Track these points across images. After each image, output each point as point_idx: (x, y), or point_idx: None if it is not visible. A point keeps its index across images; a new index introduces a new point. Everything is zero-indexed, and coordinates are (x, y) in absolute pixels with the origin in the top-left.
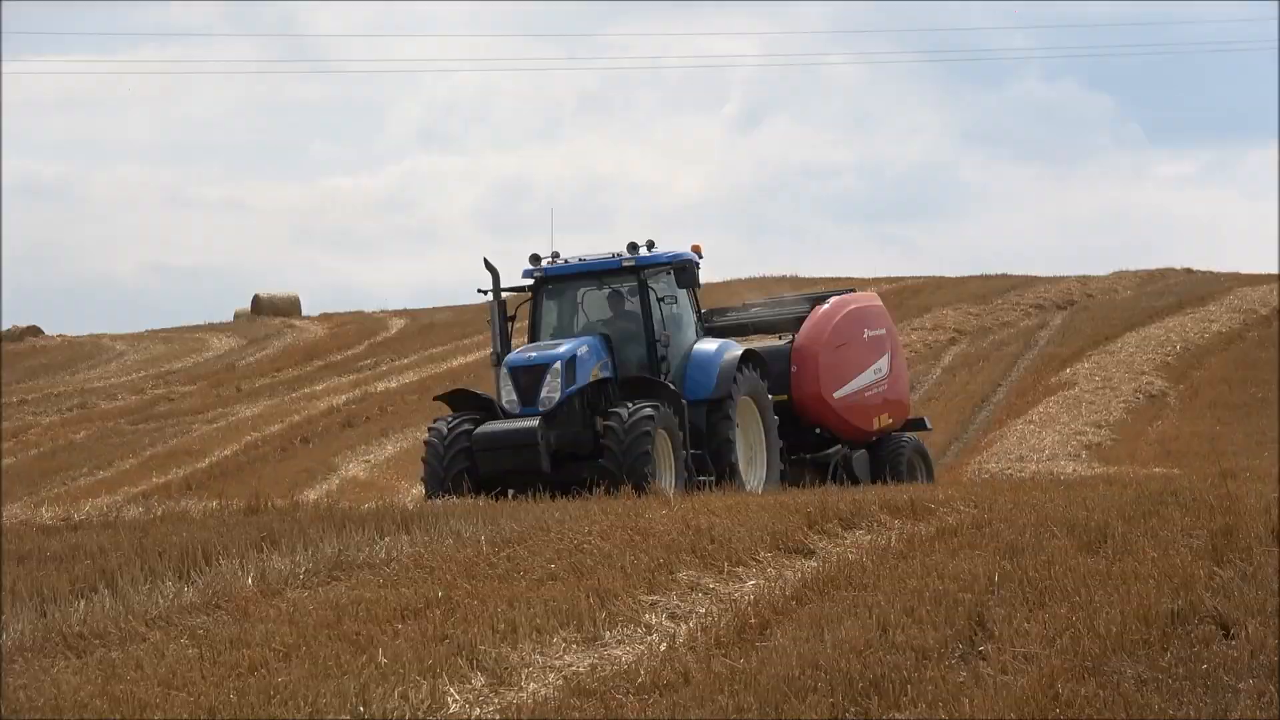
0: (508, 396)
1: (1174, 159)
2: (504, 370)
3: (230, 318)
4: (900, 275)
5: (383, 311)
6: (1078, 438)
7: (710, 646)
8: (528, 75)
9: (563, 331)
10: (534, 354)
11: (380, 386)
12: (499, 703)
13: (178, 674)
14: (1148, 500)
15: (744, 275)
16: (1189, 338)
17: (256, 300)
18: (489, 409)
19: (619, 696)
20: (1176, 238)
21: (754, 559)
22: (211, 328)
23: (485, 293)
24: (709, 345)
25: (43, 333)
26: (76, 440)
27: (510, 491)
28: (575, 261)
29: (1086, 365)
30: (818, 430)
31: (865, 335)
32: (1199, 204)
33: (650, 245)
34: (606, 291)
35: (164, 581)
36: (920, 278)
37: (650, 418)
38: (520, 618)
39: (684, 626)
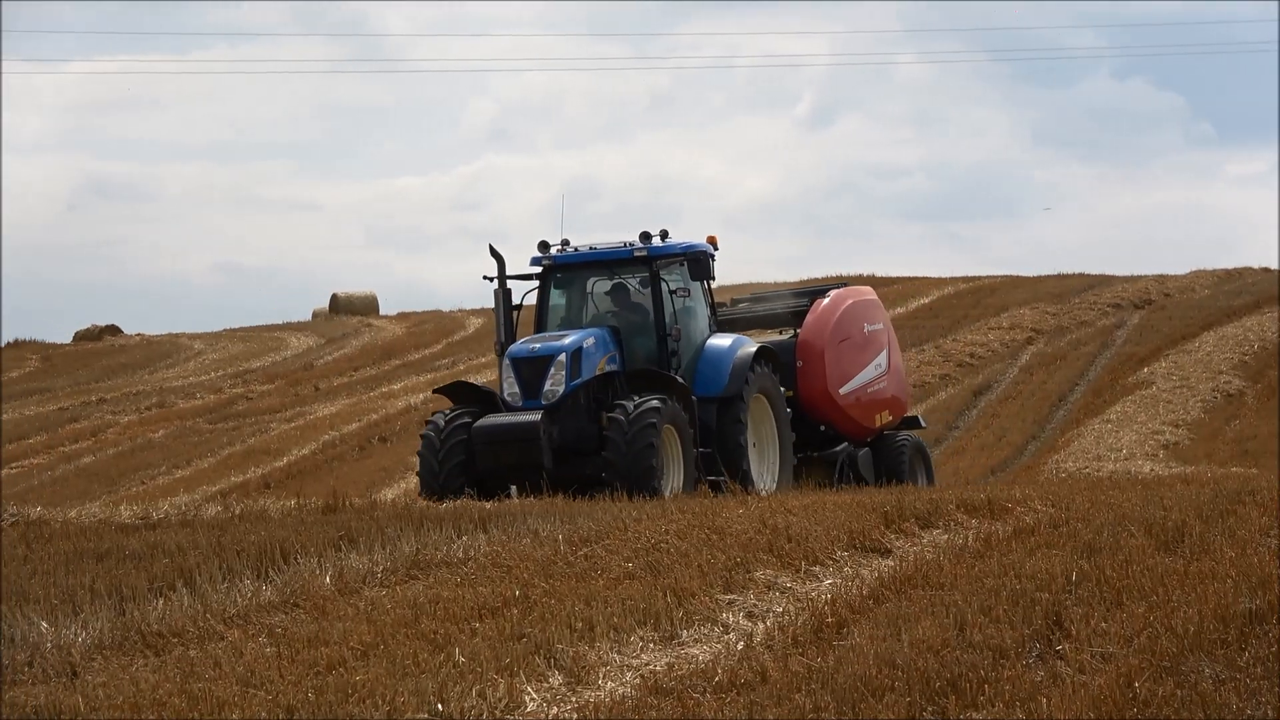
0: (510, 389)
1: (1246, 158)
2: (506, 361)
3: (307, 317)
4: (976, 275)
5: (460, 310)
6: (1155, 437)
7: (787, 645)
8: (596, 75)
9: (571, 322)
10: (538, 345)
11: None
12: (576, 701)
13: (256, 672)
14: (1225, 499)
15: (814, 275)
16: (1266, 337)
17: (334, 299)
18: (490, 402)
19: (696, 695)
20: (1249, 237)
21: (831, 558)
22: (289, 327)
23: (491, 280)
24: (722, 340)
25: (121, 332)
26: (155, 439)
27: (513, 489)
28: (585, 250)
29: (1164, 364)
30: (822, 427)
31: (865, 330)
32: (1271, 203)
33: (664, 235)
34: (615, 282)
35: (242, 580)
36: (996, 277)
37: (656, 411)
38: (597, 616)
39: (761, 625)
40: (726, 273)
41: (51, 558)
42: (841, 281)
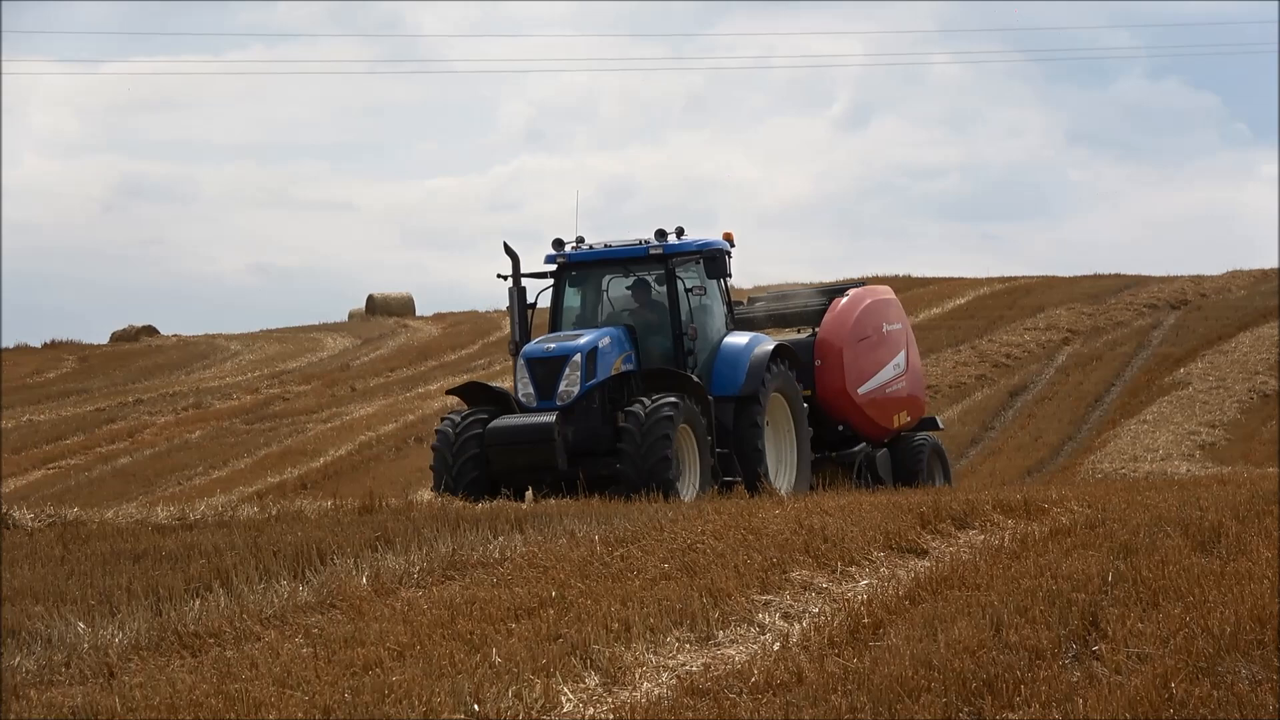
0: (524, 390)
1: None
2: (521, 362)
3: (343, 318)
4: (1012, 275)
5: (496, 311)
6: (1191, 437)
7: (823, 646)
8: (632, 75)
9: (586, 321)
10: (553, 345)
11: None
12: (612, 702)
13: (292, 673)
14: (1262, 500)
15: (850, 275)
16: None
17: (370, 300)
18: (504, 403)
19: (732, 696)
20: None
21: (867, 558)
22: (325, 327)
23: (505, 278)
24: (739, 339)
25: (158, 333)
26: (192, 440)
27: (529, 491)
28: (601, 248)
29: (1200, 365)
30: (840, 427)
31: (884, 329)
32: None
33: (680, 232)
34: (631, 280)
35: (279, 581)
36: (1032, 277)
37: (672, 407)
38: (634, 617)
39: (797, 626)
40: (760, 273)
41: (88, 558)
42: (863, 281)
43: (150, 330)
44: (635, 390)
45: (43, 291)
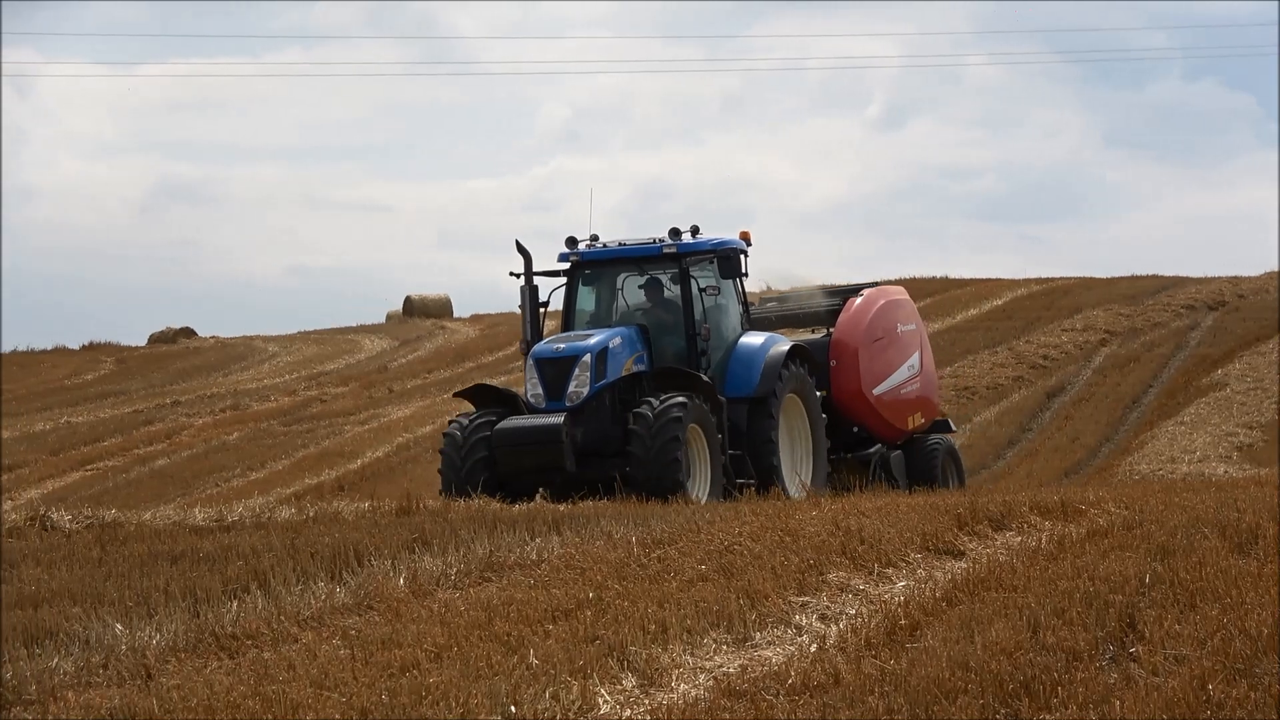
0: (533, 390)
1: None
2: (530, 362)
3: (380, 319)
4: (1049, 276)
5: None
6: (1229, 439)
7: (860, 648)
8: (668, 76)
9: (599, 320)
10: (562, 345)
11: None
12: (649, 703)
13: (330, 674)
14: None
15: (887, 276)
16: None
17: (408, 301)
18: (512, 405)
19: (769, 698)
20: None
21: (904, 560)
22: (363, 329)
23: (517, 276)
24: (754, 339)
25: (196, 334)
26: (230, 441)
27: (539, 492)
28: (614, 246)
29: (1238, 366)
30: (855, 429)
31: (899, 330)
32: None
33: (695, 231)
34: (645, 279)
35: (316, 582)
36: (1070, 278)
37: (681, 408)
38: (671, 618)
39: (834, 628)
40: (796, 274)
41: (126, 560)
42: (897, 283)
43: (188, 332)
44: (646, 391)
45: (80, 293)
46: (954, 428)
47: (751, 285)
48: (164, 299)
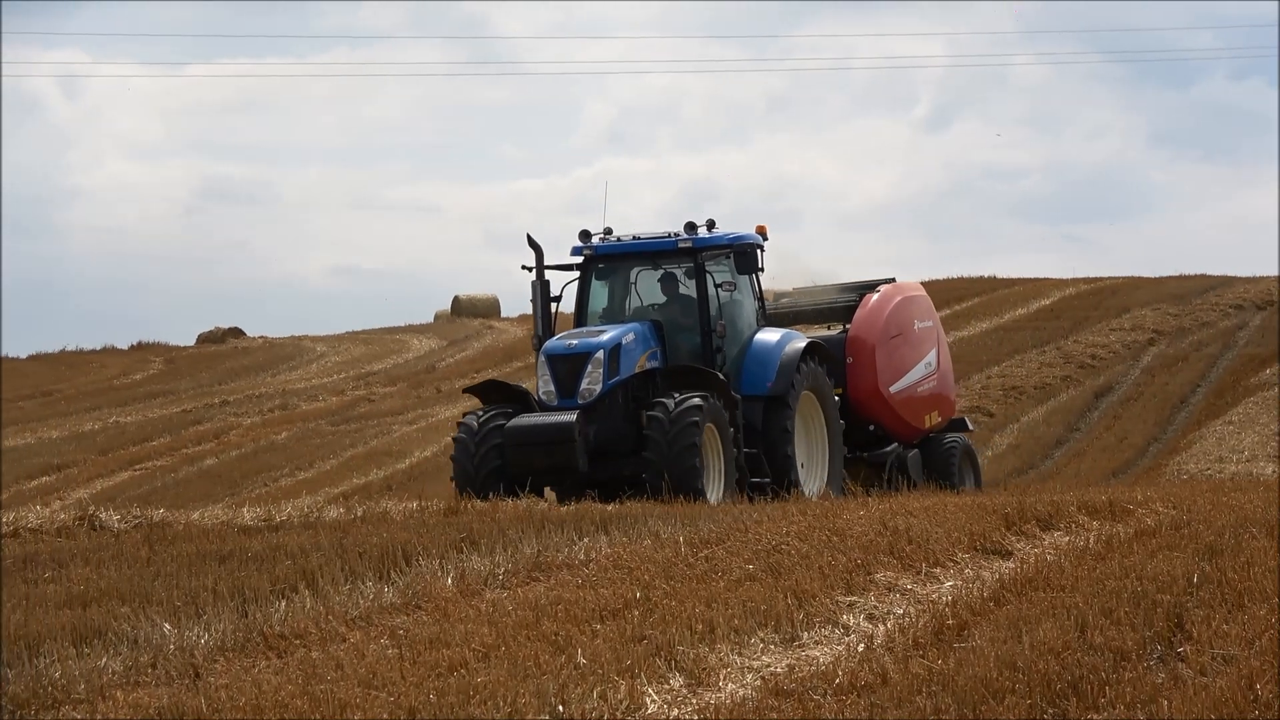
0: (545, 387)
1: None
2: (542, 358)
3: (427, 319)
4: (1097, 275)
5: None
6: (1277, 438)
7: (908, 647)
8: (715, 77)
9: (612, 315)
10: (575, 342)
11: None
12: (697, 703)
13: (378, 674)
14: None
15: (934, 276)
16: None
17: (456, 301)
18: (523, 401)
19: (816, 697)
20: None
21: (951, 560)
22: (411, 329)
23: (529, 269)
24: (770, 336)
25: (244, 334)
26: (278, 441)
27: (547, 491)
28: (629, 240)
29: None
30: (871, 427)
31: (916, 327)
32: None
33: (710, 225)
34: (659, 274)
35: (364, 582)
36: (1118, 278)
37: (698, 409)
38: (718, 618)
39: (881, 627)
40: (843, 275)
41: (174, 560)
42: (889, 279)
43: (237, 332)
44: (660, 388)
45: (129, 294)
46: (971, 427)
47: (767, 282)
48: (212, 299)
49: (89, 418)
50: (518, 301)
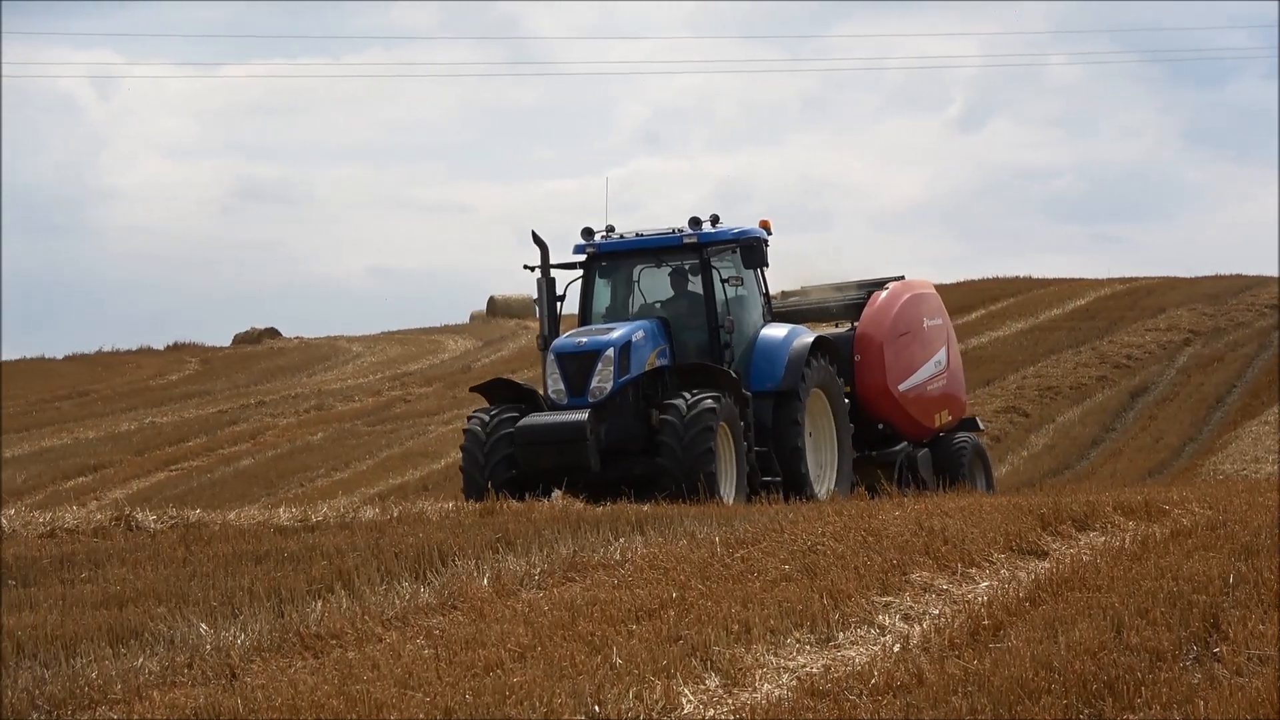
0: (554, 386)
1: None
2: (551, 357)
3: (462, 319)
4: (1133, 275)
5: None
6: None
7: (944, 648)
8: (748, 77)
9: (615, 313)
10: (584, 339)
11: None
12: (732, 703)
13: (414, 674)
14: None
15: (969, 277)
16: None
17: (492, 302)
18: (531, 401)
19: (852, 698)
20: None
21: (987, 560)
22: (446, 329)
23: (533, 269)
24: (777, 331)
25: (280, 335)
26: (314, 441)
27: (555, 491)
28: (632, 237)
29: None
30: (880, 426)
31: (925, 325)
32: None
33: (715, 220)
34: (665, 270)
35: (400, 582)
36: (1153, 278)
37: (712, 410)
38: (754, 618)
39: (917, 628)
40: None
41: (210, 560)
42: (897, 276)
43: (273, 332)
44: (670, 386)
45: (164, 294)
46: (981, 426)
47: (772, 279)
48: (247, 300)
49: (125, 418)
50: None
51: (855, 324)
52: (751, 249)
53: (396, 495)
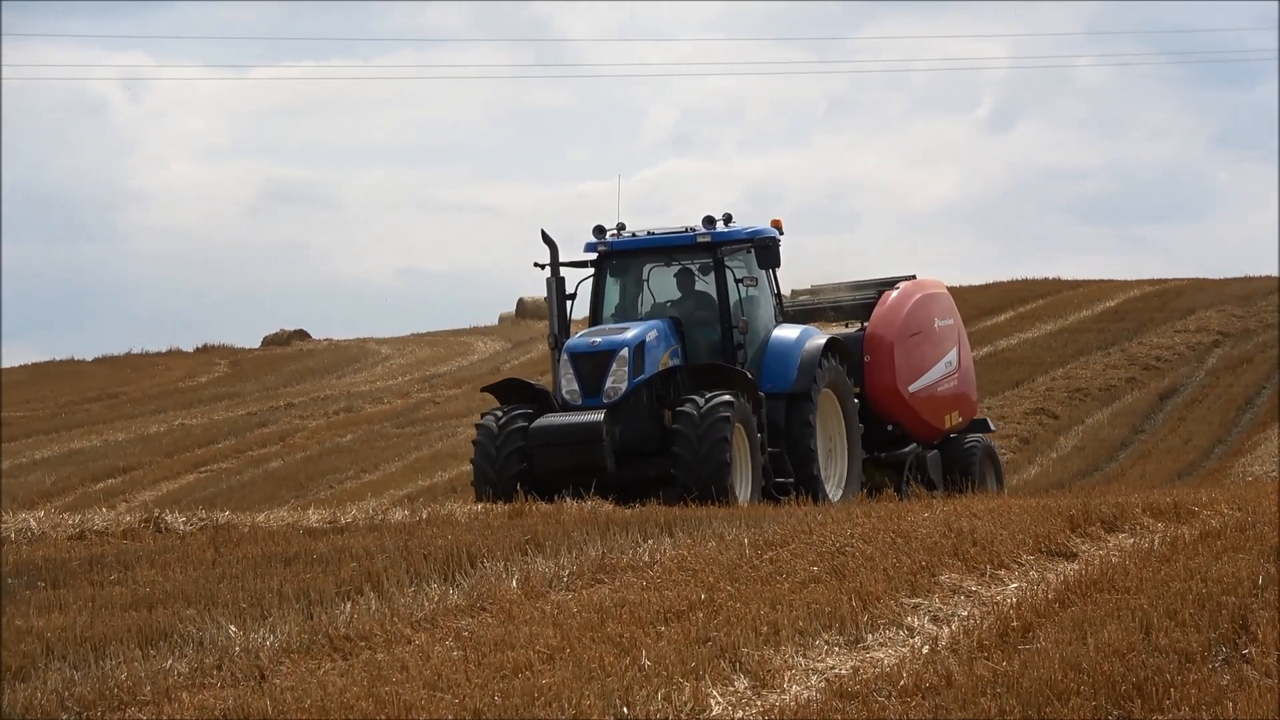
0: (568, 386)
1: None
2: (564, 357)
3: (492, 321)
4: (1162, 277)
5: None
6: None
7: (972, 649)
8: (778, 79)
9: (625, 313)
10: (598, 339)
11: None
12: (761, 705)
13: (443, 676)
14: None
15: (998, 278)
16: None
17: (521, 303)
18: (543, 401)
19: (881, 699)
20: None
21: (1016, 562)
22: (476, 331)
23: (542, 267)
24: (789, 332)
25: (309, 336)
26: (343, 443)
27: (567, 493)
28: (644, 235)
29: None
30: (889, 427)
31: (936, 325)
32: None
33: (727, 219)
34: (676, 269)
35: (429, 584)
36: (1182, 279)
37: (728, 410)
38: (783, 620)
39: (946, 629)
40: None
41: (240, 562)
42: (908, 276)
43: (302, 334)
44: (683, 387)
45: (193, 296)
46: (993, 427)
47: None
48: (276, 302)
49: (154, 420)
50: (583, 304)
51: (865, 324)
52: (766, 248)
53: (425, 497)
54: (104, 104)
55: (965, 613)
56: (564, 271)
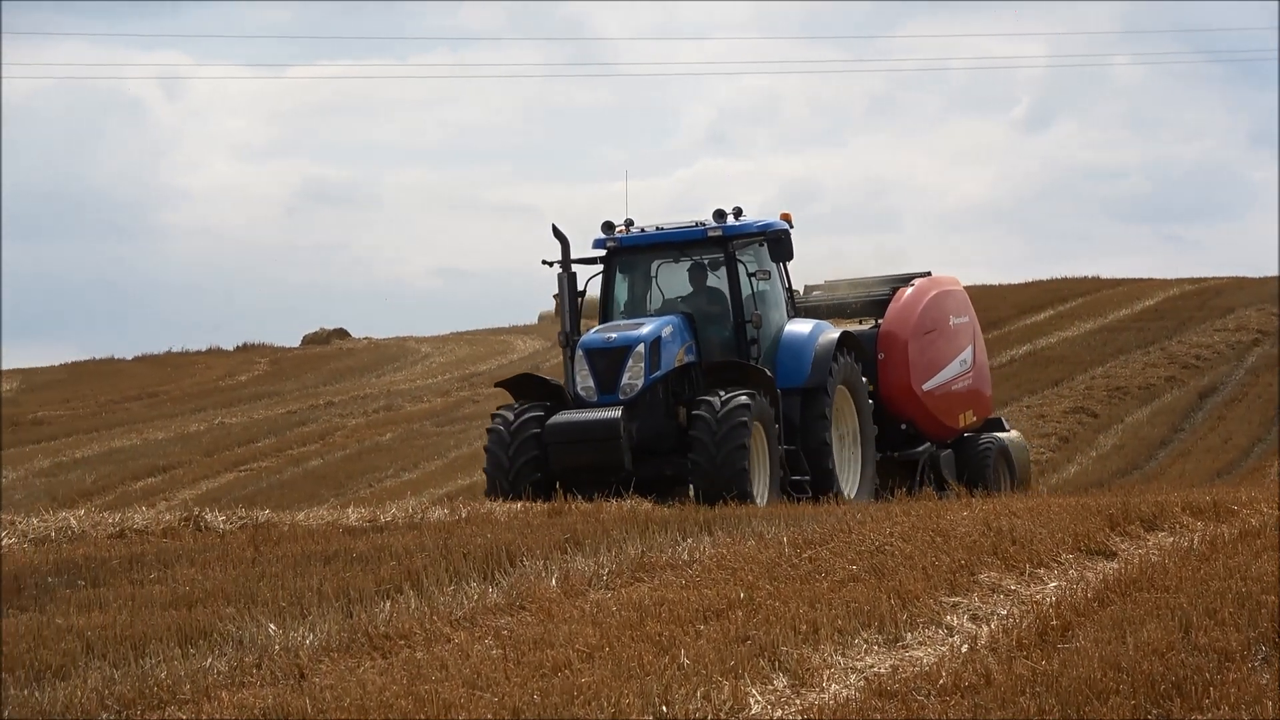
0: (583, 383)
1: None
2: (579, 353)
3: (530, 320)
4: (1201, 276)
5: None
6: None
7: (1012, 648)
8: (813, 78)
9: (635, 309)
10: (614, 335)
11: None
12: (800, 704)
13: (482, 674)
14: None
15: (1037, 277)
16: None
17: None
18: (557, 397)
19: (920, 698)
20: None
21: (1055, 560)
22: (515, 330)
23: (552, 264)
24: (802, 327)
25: (349, 335)
26: (383, 442)
27: (574, 492)
28: (654, 230)
29: None
30: (903, 426)
31: (951, 322)
32: None
33: (738, 213)
34: (687, 264)
35: (468, 583)
36: (1222, 278)
37: (746, 408)
38: (822, 619)
39: (985, 628)
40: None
41: (279, 560)
42: (923, 272)
43: (342, 333)
44: (698, 383)
45: (233, 295)
46: (1007, 426)
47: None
48: (315, 301)
49: (194, 419)
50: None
51: (879, 321)
52: (779, 242)
53: (465, 496)
54: (142, 104)
55: (1004, 611)
56: (574, 268)
